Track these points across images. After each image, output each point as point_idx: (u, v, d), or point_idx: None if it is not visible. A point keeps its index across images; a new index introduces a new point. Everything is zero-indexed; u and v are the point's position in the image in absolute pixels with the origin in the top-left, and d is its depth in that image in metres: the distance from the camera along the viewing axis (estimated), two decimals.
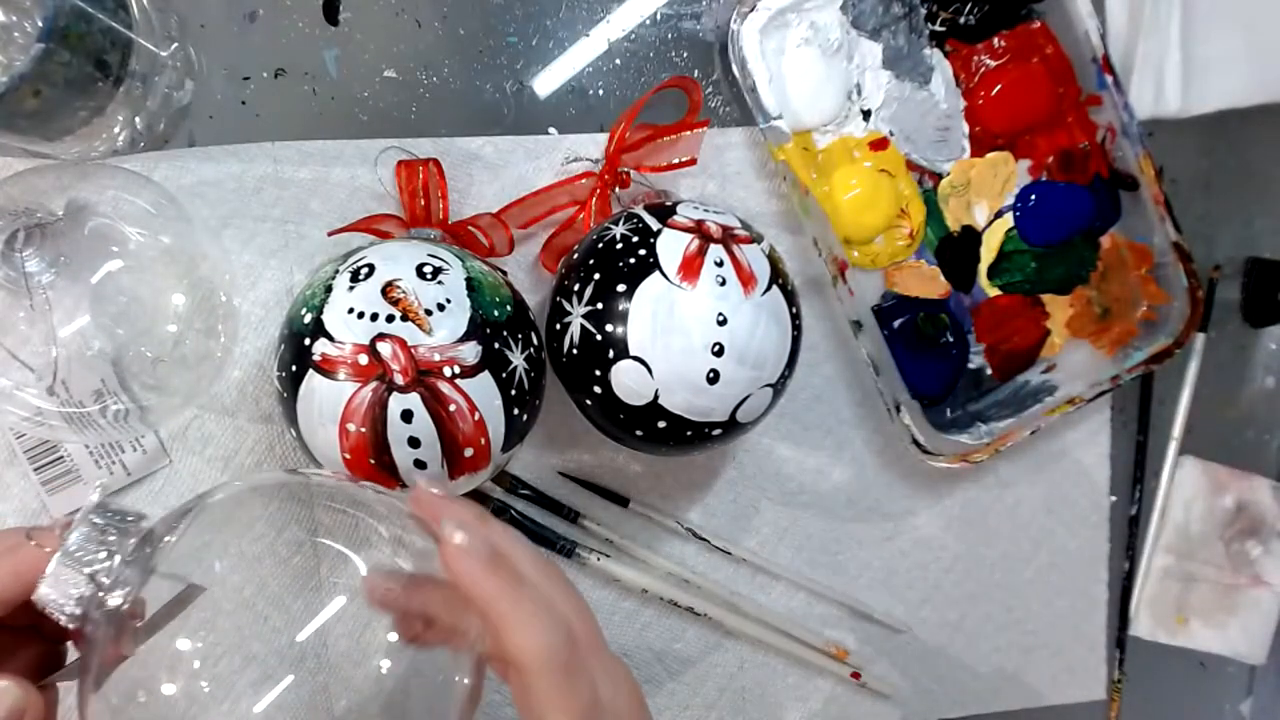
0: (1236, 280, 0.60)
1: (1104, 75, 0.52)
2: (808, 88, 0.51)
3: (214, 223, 0.47)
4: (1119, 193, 0.55)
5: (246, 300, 0.48)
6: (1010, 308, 0.55)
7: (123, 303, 0.40)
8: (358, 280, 0.39)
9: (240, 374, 0.48)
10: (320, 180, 0.48)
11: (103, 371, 0.39)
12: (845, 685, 0.55)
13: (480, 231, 0.46)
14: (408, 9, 0.48)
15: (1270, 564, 0.61)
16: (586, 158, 0.49)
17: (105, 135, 0.43)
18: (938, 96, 0.53)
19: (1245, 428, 0.62)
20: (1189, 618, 0.61)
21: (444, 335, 0.38)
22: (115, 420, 0.41)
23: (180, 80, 0.45)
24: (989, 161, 0.54)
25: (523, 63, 0.49)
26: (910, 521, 0.56)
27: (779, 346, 0.42)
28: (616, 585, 0.52)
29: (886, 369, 0.51)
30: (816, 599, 0.55)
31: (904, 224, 0.52)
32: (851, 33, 0.51)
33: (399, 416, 0.37)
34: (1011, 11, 0.53)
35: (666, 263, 0.40)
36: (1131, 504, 0.60)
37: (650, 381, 0.40)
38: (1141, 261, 0.55)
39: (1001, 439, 0.52)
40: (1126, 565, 0.60)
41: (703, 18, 0.51)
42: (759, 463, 0.53)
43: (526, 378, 0.40)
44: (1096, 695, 0.60)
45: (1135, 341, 0.55)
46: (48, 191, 0.39)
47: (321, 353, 0.37)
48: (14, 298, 0.38)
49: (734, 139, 0.51)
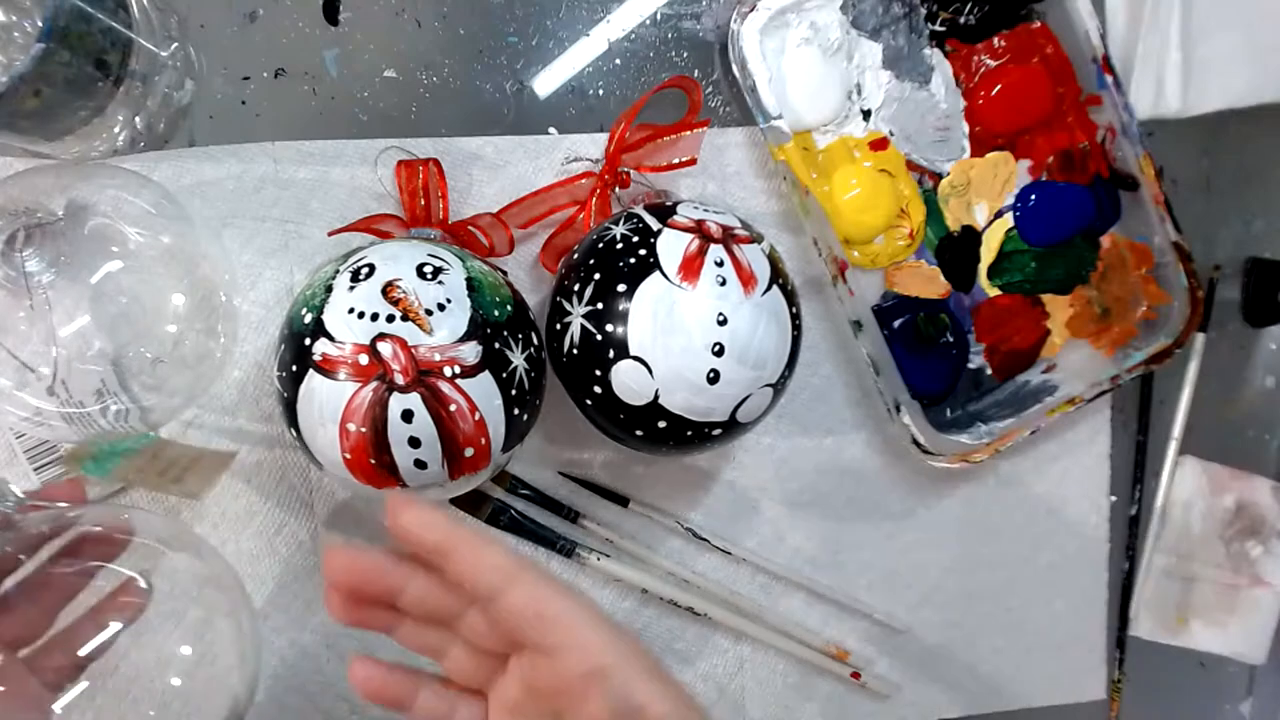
0: (1236, 280, 0.60)
1: (1104, 75, 0.52)
2: (808, 88, 0.51)
3: (214, 223, 0.47)
4: (1119, 193, 0.55)
5: (246, 300, 0.48)
6: (1010, 308, 0.55)
7: (123, 303, 0.40)
8: (358, 280, 0.39)
9: (240, 374, 0.48)
10: (320, 180, 0.48)
11: (103, 371, 0.39)
12: (845, 685, 0.55)
13: (480, 231, 0.46)
14: (408, 9, 0.48)
15: (1270, 564, 0.61)
16: (586, 158, 0.49)
17: (105, 135, 0.43)
18: (938, 96, 0.53)
19: (1245, 428, 0.62)
20: (1189, 618, 0.61)
21: (444, 335, 0.38)
22: (115, 420, 0.41)
23: (180, 80, 0.45)
24: (989, 161, 0.54)
25: (523, 63, 0.49)
26: (910, 521, 0.56)
27: (779, 346, 0.42)
28: (616, 585, 0.52)
29: (886, 369, 0.51)
30: (816, 599, 0.55)
31: (904, 224, 0.52)
32: (851, 33, 0.51)
33: (399, 416, 0.37)
34: (1011, 11, 0.53)
35: (667, 263, 0.40)
36: (1131, 504, 0.60)
37: (650, 381, 0.40)
38: (1141, 261, 0.55)
39: (1001, 439, 0.52)
40: (1126, 565, 0.60)
41: (703, 18, 0.51)
42: (759, 463, 0.53)
43: (526, 378, 0.40)
44: (1096, 695, 0.60)
45: (1135, 341, 0.55)
46: (48, 191, 0.39)
47: (322, 353, 0.37)
48: (14, 298, 0.38)
49: (734, 139, 0.51)
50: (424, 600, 0.31)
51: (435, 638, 0.33)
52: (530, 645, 0.30)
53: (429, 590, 0.31)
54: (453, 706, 0.33)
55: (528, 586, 0.30)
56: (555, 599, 0.30)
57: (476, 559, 0.30)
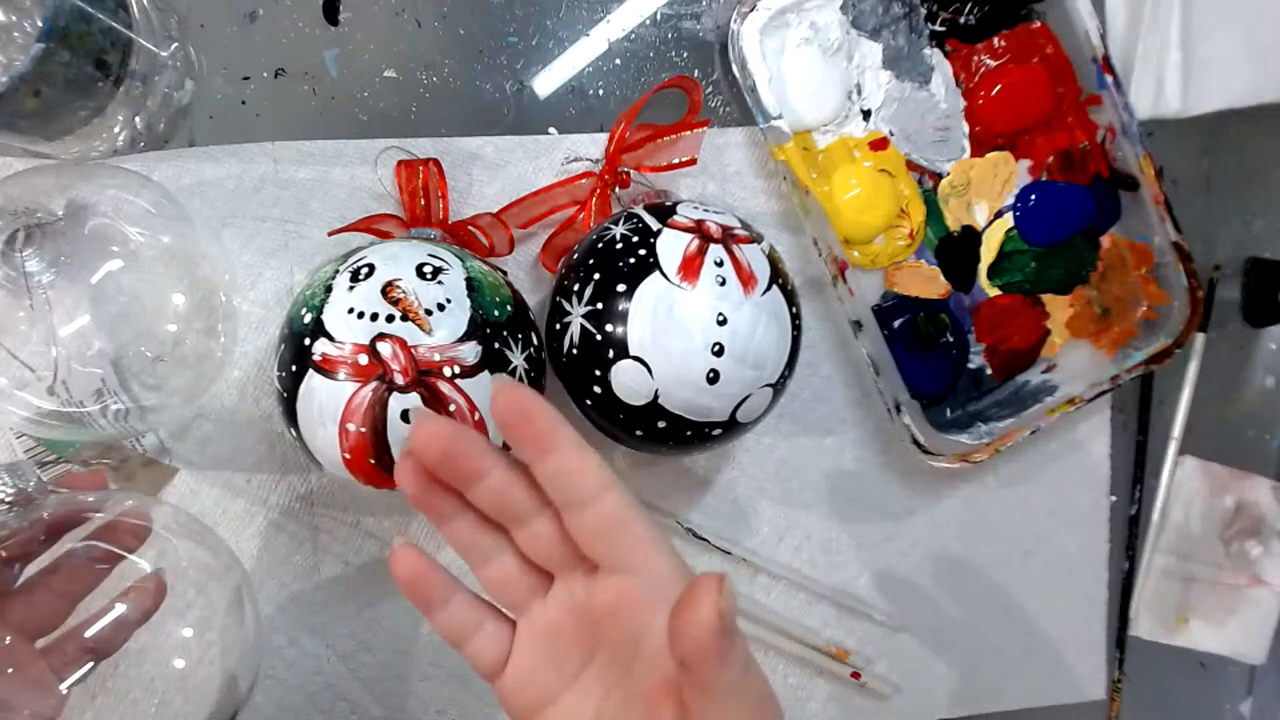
0: (1236, 280, 0.60)
1: (1104, 75, 0.52)
2: (808, 88, 0.51)
3: (214, 223, 0.47)
4: (1119, 193, 0.55)
5: (246, 300, 0.48)
6: (1010, 308, 0.55)
7: (123, 303, 0.40)
8: (358, 280, 0.39)
9: (240, 374, 0.48)
10: (320, 180, 0.48)
11: (103, 371, 0.39)
12: (845, 685, 0.55)
13: (480, 231, 0.46)
14: (408, 9, 0.48)
15: (1270, 564, 0.61)
16: (586, 158, 0.49)
17: (105, 135, 0.43)
18: (938, 96, 0.53)
19: (1245, 428, 0.62)
20: (1189, 618, 0.61)
21: (444, 335, 0.38)
22: (115, 420, 0.41)
23: (180, 80, 0.45)
24: (989, 161, 0.54)
25: (523, 63, 0.49)
26: (910, 521, 0.56)
27: (779, 346, 0.42)
28: None
29: (886, 369, 0.51)
30: (816, 599, 0.55)
31: (904, 224, 0.52)
32: (851, 33, 0.51)
33: (399, 416, 0.37)
34: (1011, 11, 0.53)
35: (666, 263, 0.40)
36: (1131, 504, 0.60)
37: (650, 381, 0.40)
38: (1141, 261, 0.55)
39: (1001, 439, 0.52)
40: (1126, 565, 0.60)
41: (703, 18, 0.51)
42: (759, 463, 0.53)
43: (526, 378, 0.40)
44: (1096, 695, 0.60)
45: (1135, 341, 0.55)
46: (48, 191, 0.39)
47: (322, 353, 0.37)
48: (14, 298, 0.38)
49: (734, 139, 0.51)
50: (500, 493, 0.29)
51: (488, 542, 0.31)
52: (604, 560, 0.29)
53: (509, 483, 0.29)
54: (481, 621, 0.32)
55: (618, 499, 0.28)
56: (640, 519, 0.29)
57: (581, 460, 0.28)
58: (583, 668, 0.31)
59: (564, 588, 0.31)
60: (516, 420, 0.28)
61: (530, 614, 0.32)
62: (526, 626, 0.32)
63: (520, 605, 0.32)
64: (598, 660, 0.31)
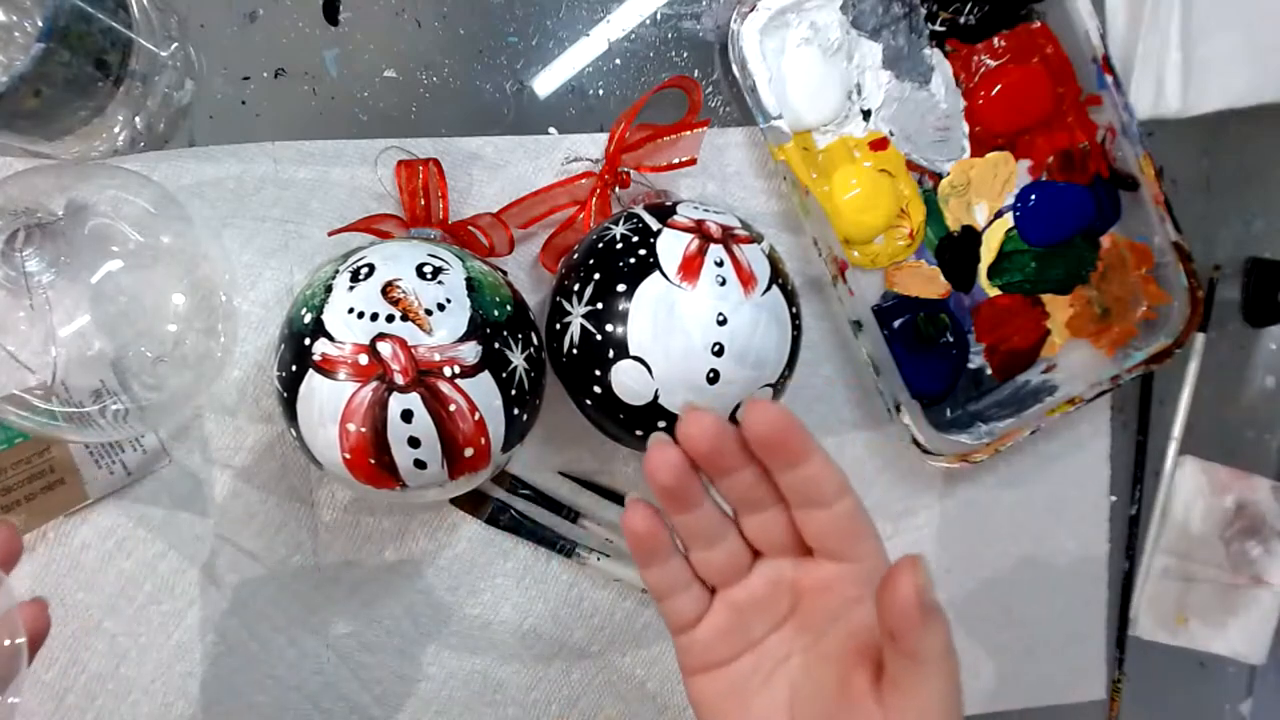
0: (1236, 280, 0.60)
1: (1104, 75, 0.52)
2: (808, 88, 0.51)
3: (214, 223, 0.47)
4: (1119, 193, 0.55)
5: (246, 300, 0.48)
6: (1010, 308, 0.55)
7: (123, 303, 0.40)
8: (358, 280, 0.39)
9: (240, 374, 0.48)
10: (320, 180, 0.48)
11: (103, 371, 0.39)
12: None
13: (480, 231, 0.46)
14: (408, 9, 0.48)
15: (1270, 564, 0.61)
16: (586, 158, 0.49)
17: (105, 135, 0.43)
18: (938, 96, 0.53)
19: (1245, 428, 0.62)
20: (1189, 618, 0.61)
21: (444, 335, 0.38)
22: (115, 420, 0.41)
23: (180, 80, 0.45)
24: (989, 161, 0.54)
25: (523, 63, 0.49)
26: (910, 521, 0.56)
27: (779, 346, 0.42)
28: (616, 585, 0.52)
29: (886, 369, 0.51)
30: None
31: (904, 224, 0.52)
32: (851, 33, 0.51)
33: (399, 416, 0.37)
34: (1011, 11, 0.53)
35: (666, 263, 0.40)
36: (1131, 504, 0.60)
37: (650, 381, 0.40)
38: (1141, 261, 0.55)
39: (1001, 439, 0.52)
40: (1126, 565, 0.60)
41: (703, 18, 0.51)
42: None
43: (526, 378, 0.40)
44: (1096, 695, 0.60)
45: (1135, 341, 0.55)
46: (48, 191, 0.39)
47: (321, 353, 0.37)
48: (14, 298, 0.38)
49: (734, 139, 0.51)
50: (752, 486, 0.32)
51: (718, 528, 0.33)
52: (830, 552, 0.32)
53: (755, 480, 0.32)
54: (688, 583, 0.34)
55: (854, 502, 0.31)
56: (869, 521, 0.32)
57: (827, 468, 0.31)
58: (768, 633, 0.33)
59: (771, 565, 0.33)
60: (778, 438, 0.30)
61: (732, 590, 0.34)
62: (725, 598, 0.34)
63: (724, 582, 0.34)
64: (787, 627, 0.33)
